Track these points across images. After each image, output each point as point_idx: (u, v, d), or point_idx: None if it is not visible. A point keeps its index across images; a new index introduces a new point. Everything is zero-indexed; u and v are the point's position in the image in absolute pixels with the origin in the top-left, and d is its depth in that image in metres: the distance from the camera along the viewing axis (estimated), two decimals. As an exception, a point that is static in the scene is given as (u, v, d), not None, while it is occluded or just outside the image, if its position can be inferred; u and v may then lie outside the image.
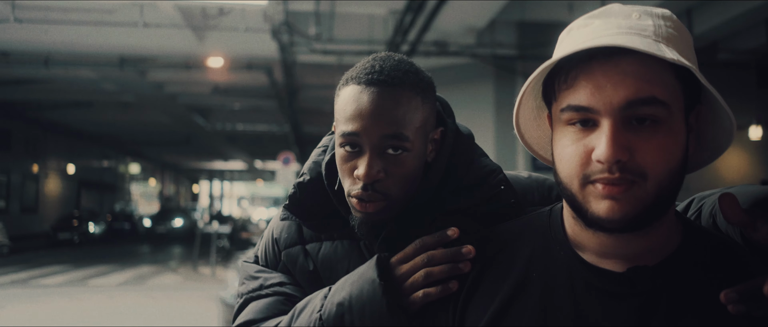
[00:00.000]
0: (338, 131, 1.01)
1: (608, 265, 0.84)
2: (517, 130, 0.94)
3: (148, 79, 14.48)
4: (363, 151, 0.99)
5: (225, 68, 12.59)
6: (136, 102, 17.48)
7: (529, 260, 0.89)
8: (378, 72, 0.99)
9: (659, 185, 0.77)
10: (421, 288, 0.93)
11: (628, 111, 0.76)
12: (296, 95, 13.88)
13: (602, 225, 0.79)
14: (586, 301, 0.82)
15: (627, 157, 0.76)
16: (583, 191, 0.79)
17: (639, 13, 0.83)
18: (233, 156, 33.34)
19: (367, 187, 0.98)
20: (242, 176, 52.74)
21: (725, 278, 0.80)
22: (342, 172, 1.03)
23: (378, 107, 0.97)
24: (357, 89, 0.99)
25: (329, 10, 9.15)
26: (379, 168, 0.98)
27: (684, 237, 0.86)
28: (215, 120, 21.23)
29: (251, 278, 1.16)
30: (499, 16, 9.42)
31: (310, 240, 1.14)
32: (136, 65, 12.61)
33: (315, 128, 20.85)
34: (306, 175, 1.13)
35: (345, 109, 1.00)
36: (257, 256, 1.23)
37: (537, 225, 0.94)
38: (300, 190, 1.12)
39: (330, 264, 1.11)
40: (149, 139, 27.76)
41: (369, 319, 0.93)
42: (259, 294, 1.12)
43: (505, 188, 1.06)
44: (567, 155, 0.80)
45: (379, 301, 0.92)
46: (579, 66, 0.79)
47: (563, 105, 0.80)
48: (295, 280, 1.14)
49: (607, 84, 0.76)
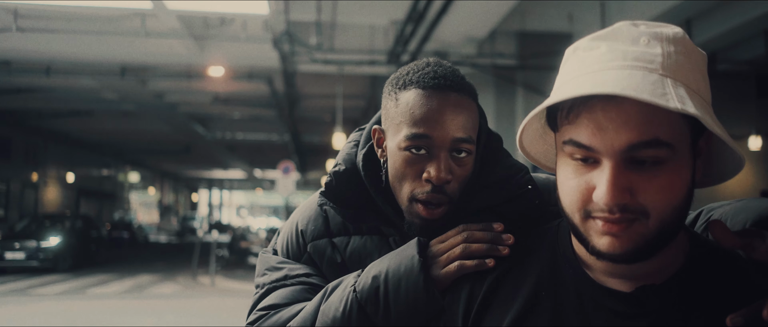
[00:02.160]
0: (404, 134, 1.02)
1: (616, 284, 0.84)
2: (522, 149, 0.93)
3: (148, 88, 14.51)
4: (432, 154, 1.01)
5: (226, 77, 12.62)
6: (136, 111, 17.49)
7: (539, 278, 0.89)
8: (442, 77, 1.03)
9: (662, 222, 0.76)
10: (454, 262, 0.94)
11: (629, 153, 0.75)
12: (297, 104, 13.92)
13: (604, 258, 0.79)
14: (596, 321, 0.82)
15: (628, 199, 0.75)
16: (585, 224, 0.79)
17: (648, 38, 0.79)
18: (233, 165, 33.34)
19: (436, 189, 1.01)
20: (241, 185, 52.72)
21: (731, 293, 0.80)
22: (403, 175, 1.04)
23: (449, 112, 1.01)
24: (423, 93, 1.02)
25: (330, 20, 9.19)
26: (449, 170, 1.01)
27: (690, 252, 0.85)
28: (215, 129, 21.25)
29: (274, 269, 1.16)
30: (499, 26, 9.46)
31: (338, 233, 1.15)
32: (137, 74, 12.64)
33: (315, 137, 20.88)
34: (341, 166, 1.15)
35: (412, 112, 1.02)
36: (276, 249, 1.23)
37: (545, 241, 0.93)
38: (336, 179, 1.14)
39: (359, 258, 1.12)
40: (149, 148, 27.76)
41: (404, 292, 0.93)
42: (283, 284, 1.12)
43: (531, 188, 1.08)
44: (569, 188, 0.80)
45: (416, 276, 0.93)
46: (581, 103, 0.77)
47: (565, 138, 0.80)
48: (320, 272, 1.14)
49: (610, 126, 0.75)
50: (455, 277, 0.93)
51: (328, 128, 16.33)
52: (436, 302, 0.93)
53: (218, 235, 16.33)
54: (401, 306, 0.94)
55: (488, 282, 0.91)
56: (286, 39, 9.00)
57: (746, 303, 0.78)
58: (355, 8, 9.28)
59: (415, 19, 7.75)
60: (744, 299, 0.79)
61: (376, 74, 11.43)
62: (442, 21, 7.77)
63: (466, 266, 0.93)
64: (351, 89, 13.75)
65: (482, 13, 8.78)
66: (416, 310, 0.94)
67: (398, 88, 1.05)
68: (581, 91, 0.74)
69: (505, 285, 0.90)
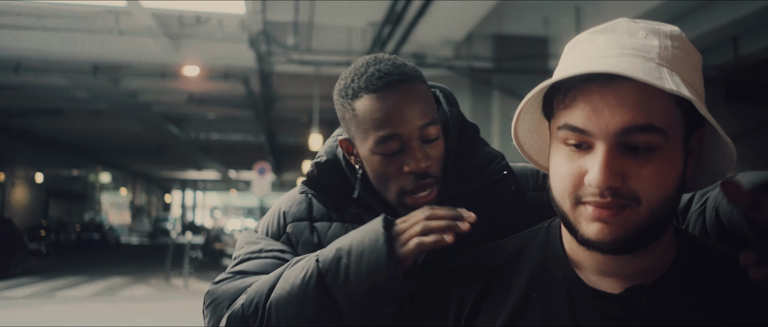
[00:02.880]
0: (373, 140, 1.04)
1: (606, 284, 0.84)
2: (516, 141, 0.94)
3: (121, 87, 14.27)
4: (405, 148, 1.03)
5: (201, 77, 12.48)
6: (108, 110, 17.20)
7: (529, 280, 0.89)
8: (387, 74, 1.04)
9: (652, 210, 0.76)
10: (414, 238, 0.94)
11: (623, 137, 0.75)
12: (273, 105, 13.82)
13: (593, 246, 0.79)
14: (587, 323, 0.82)
15: (619, 183, 0.75)
16: (575, 211, 0.79)
17: (646, 32, 0.81)
18: (207, 165, 32.97)
19: (421, 176, 1.03)
20: (216, 186, 52.15)
21: (722, 292, 0.81)
22: (385, 176, 1.06)
23: (407, 104, 1.03)
24: (376, 96, 1.03)
25: (308, 21, 9.15)
26: (425, 155, 1.03)
27: (679, 250, 0.86)
28: (189, 129, 20.99)
29: (251, 243, 1.17)
30: (476, 29, 9.53)
31: (320, 219, 1.17)
32: (110, 73, 12.42)
33: (291, 138, 20.75)
34: (323, 157, 1.18)
35: (373, 118, 1.03)
36: (257, 230, 1.24)
37: (535, 241, 0.93)
38: (318, 169, 1.18)
39: None
40: (121, 148, 27.31)
41: (366, 264, 0.94)
42: (257, 255, 1.13)
43: (507, 173, 1.11)
44: (560, 174, 0.80)
45: (379, 249, 0.93)
46: (578, 87, 0.78)
47: (560, 123, 0.80)
48: (296, 252, 1.15)
49: (605, 109, 0.75)
50: (415, 254, 0.93)
51: (305, 129, 16.26)
52: (395, 276, 0.92)
53: (192, 236, 16.10)
54: (361, 276, 0.93)
55: (479, 285, 0.91)
56: (263, 39, 8.93)
57: (736, 300, 0.79)
58: (333, 9, 9.26)
59: (393, 21, 7.76)
60: (734, 296, 0.80)
61: (354, 75, 11.40)
62: (420, 23, 7.79)
63: (425, 243, 0.93)
64: (328, 90, 13.50)
65: (459, 15, 8.83)
66: (375, 282, 0.93)
67: (350, 99, 1.06)
68: (578, 71, 0.76)
69: (496, 288, 0.90)
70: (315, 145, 12.63)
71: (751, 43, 8.31)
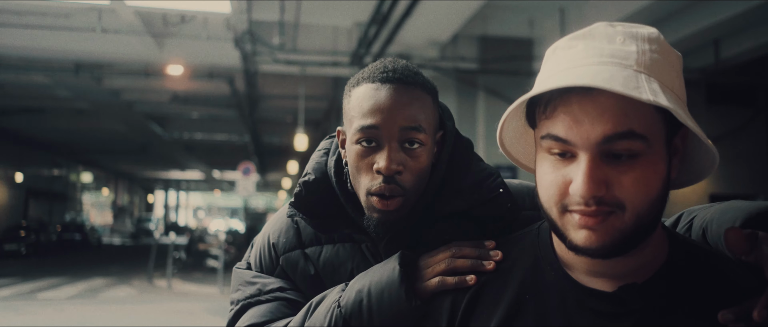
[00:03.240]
0: (355, 127, 1.02)
1: (598, 284, 0.85)
2: (502, 148, 0.94)
3: (104, 85, 14.11)
4: (382, 145, 1.01)
5: (185, 76, 12.38)
6: (90, 109, 16.99)
7: (522, 282, 0.89)
8: (392, 71, 1.04)
9: (637, 215, 0.77)
10: (440, 275, 0.94)
11: (605, 145, 0.76)
12: (258, 105, 13.75)
13: (582, 252, 0.80)
14: (580, 322, 0.83)
15: (604, 192, 0.76)
16: (562, 219, 0.80)
17: (623, 37, 0.81)
18: (190, 165, 32.72)
19: (388, 180, 1.00)
20: (199, 186, 51.75)
21: (712, 290, 0.82)
22: (358, 170, 1.03)
23: (396, 102, 1.01)
24: (372, 87, 1.03)
25: (293, 21, 9.13)
26: (399, 160, 1.00)
27: (670, 250, 0.87)
28: (173, 129, 20.81)
29: (248, 284, 1.14)
30: (461, 30, 9.58)
31: (310, 244, 1.14)
32: (92, 71, 12.27)
33: (276, 138, 20.68)
34: (311, 175, 1.14)
35: (361, 105, 1.02)
36: (250, 263, 1.21)
37: (526, 244, 0.94)
38: (305, 189, 1.13)
39: (332, 267, 1.11)
40: (103, 148, 27.00)
41: (387, 303, 0.94)
42: (257, 299, 1.11)
43: (502, 192, 1.08)
44: (546, 182, 0.81)
45: (398, 287, 0.93)
46: (558, 98, 0.79)
47: (543, 132, 0.81)
48: (294, 285, 1.13)
49: (585, 119, 0.76)
50: (436, 291, 0.94)
51: (290, 129, 16.22)
52: (418, 311, 0.93)
53: (175, 237, 15.96)
54: (385, 317, 0.94)
55: (471, 289, 0.92)
56: (248, 38, 8.90)
57: (727, 300, 0.80)
58: (319, 9, 9.25)
59: (379, 22, 7.77)
60: (724, 296, 0.81)
61: (339, 76, 11.41)
62: (406, 24, 7.81)
63: (447, 283, 0.93)
64: (313, 90, 13.67)
65: (445, 17, 8.86)
66: (399, 319, 0.94)
67: (352, 87, 1.07)
68: (556, 84, 0.76)
69: (489, 290, 0.91)
70: (300, 145, 12.59)
71: (732, 46, 8.44)
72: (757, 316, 0.76)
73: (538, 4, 9.21)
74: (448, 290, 0.93)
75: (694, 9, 7.72)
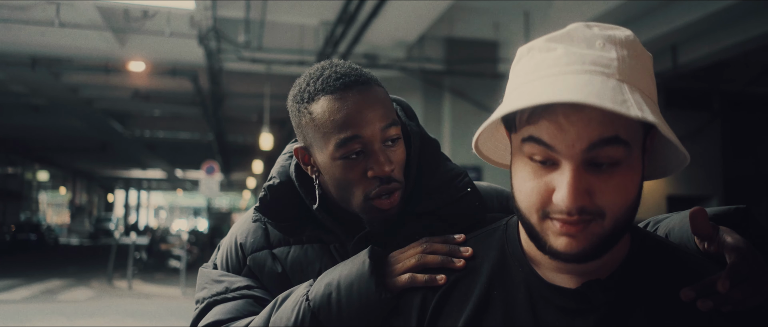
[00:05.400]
0: (334, 143, 1.00)
1: (563, 280, 0.86)
2: (476, 149, 0.94)
3: (62, 81, 13.71)
4: (368, 152, 1.01)
5: (147, 73, 12.13)
6: (47, 105, 16.49)
7: (490, 278, 0.90)
8: (345, 75, 1.03)
9: (616, 221, 0.78)
10: (410, 271, 0.94)
11: (589, 153, 0.76)
12: (222, 103, 13.56)
13: (561, 258, 0.81)
14: (546, 318, 0.84)
15: (587, 201, 0.76)
16: (542, 224, 0.81)
17: (603, 42, 0.81)
18: (152, 164, 32.07)
19: (386, 180, 1.01)
20: (161, 186, 50.77)
21: (674, 282, 0.85)
22: (348, 182, 1.03)
23: (367, 105, 1.01)
24: (335, 97, 1.01)
25: (259, 18, 9.03)
26: (389, 159, 1.02)
27: (632, 244, 0.88)
28: (134, 126, 20.36)
29: (214, 282, 1.13)
30: (428, 31, 9.63)
31: (278, 244, 1.13)
32: (50, 66, 11.90)
33: (241, 137, 20.43)
34: (275, 179, 1.13)
35: (333, 119, 1.00)
36: (216, 263, 1.19)
37: (494, 240, 0.95)
38: (270, 193, 1.12)
39: (300, 267, 1.11)
40: (61, 145, 26.24)
41: (356, 295, 0.93)
42: (224, 297, 1.09)
43: (471, 191, 1.09)
44: (527, 189, 0.81)
45: (368, 279, 0.93)
46: (542, 108, 0.78)
47: (525, 135, 0.80)
48: (261, 284, 1.12)
49: (571, 128, 0.76)
50: (405, 288, 0.94)
51: (255, 128, 16.04)
52: (387, 304, 0.93)
53: (136, 237, 15.60)
54: (353, 309, 0.94)
55: (442, 287, 0.92)
56: (213, 36, 8.75)
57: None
58: (285, 7, 9.17)
59: (346, 21, 7.75)
60: (686, 286, 0.83)
61: (305, 75, 11.31)
62: (373, 24, 7.81)
63: (417, 280, 0.93)
64: (279, 89, 13.53)
65: (412, 17, 8.90)
66: (368, 312, 0.93)
67: (306, 103, 1.03)
68: (544, 99, 0.74)
69: (458, 287, 0.91)
70: (265, 144, 12.47)
71: (689, 52, 8.70)
72: (721, 287, 0.79)
73: (503, 7, 9.32)
74: (418, 287, 0.93)
75: (653, 15, 7.93)
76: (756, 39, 7.64)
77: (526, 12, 9.23)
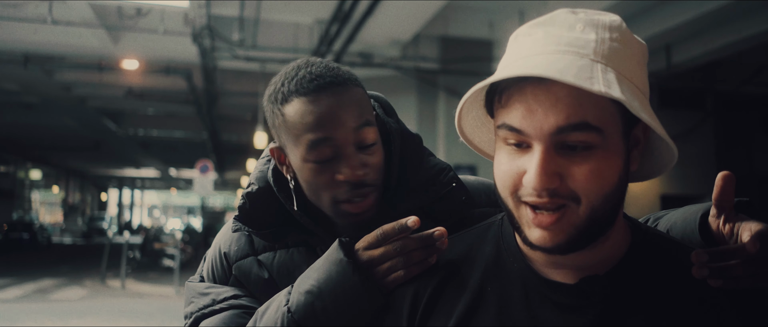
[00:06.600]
0: (304, 145, 0.98)
1: (560, 276, 0.83)
2: (462, 136, 0.93)
3: (55, 79, 13.63)
4: (340, 155, 0.98)
5: (141, 71, 12.08)
6: (40, 103, 16.40)
7: (484, 273, 0.88)
8: (319, 77, 0.99)
9: (592, 208, 0.76)
10: (398, 271, 0.90)
11: (559, 136, 0.75)
12: (216, 102, 13.52)
13: (537, 249, 0.79)
14: (542, 314, 0.82)
15: (557, 184, 0.75)
16: (518, 210, 0.80)
17: (583, 25, 0.80)
18: (146, 163, 31.95)
19: (357, 185, 0.97)
20: (155, 184, 50.60)
21: (674, 280, 0.83)
22: (318, 185, 1.00)
23: (339, 107, 0.98)
24: (307, 100, 0.98)
25: (254, 17, 9.00)
26: (361, 163, 0.98)
27: (632, 240, 0.86)
28: (128, 125, 20.27)
29: (200, 295, 1.10)
30: (423, 30, 9.62)
31: (263, 250, 1.11)
32: (43, 64, 11.84)
33: (235, 136, 20.37)
34: (254, 185, 1.11)
35: (304, 121, 0.97)
36: (203, 276, 1.17)
37: (489, 235, 0.93)
38: (249, 201, 1.09)
39: (287, 271, 1.08)
40: (54, 144, 26.11)
41: (343, 299, 0.89)
42: (211, 310, 1.06)
43: (456, 186, 1.07)
44: (502, 173, 0.80)
45: (352, 281, 0.88)
46: (513, 87, 0.78)
47: (499, 122, 0.80)
48: (249, 292, 1.10)
49: (539, 109, 0.75)
50: (403, 282, 0.91)
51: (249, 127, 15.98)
52: (379, 300, 0.90)
53: (130, 236, 15.54)
54: (342, 314, 0.90)
55: (434, 281, 0.90)
56: (207, 34, 8.73)
57: (689, 287, 0.81)
58: (280, 5, 9.15)
59: (341, 19, 7.74)
60: (686, 284, 0.81)
61: (300, 73, 11.29)
62: (368, 22, 7.80)
63: (413, 272, 0.90)
64: (273, 88, 13.50)
65: (407, 16, 8.89)
66: (359, 315, 0.90)
67: (280, 104, 1.01)
68: (509, 74, 0.74)
69: (451, 282, 0.89)
70: (259, 143, 12.45)
71: (683, 52, 8.73)
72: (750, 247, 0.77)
73: (498, 6, 9.33)
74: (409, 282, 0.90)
75: (647, 15, 7.96)
76: (749, 39, 7.68)
77: (520, 11, 9.23)
